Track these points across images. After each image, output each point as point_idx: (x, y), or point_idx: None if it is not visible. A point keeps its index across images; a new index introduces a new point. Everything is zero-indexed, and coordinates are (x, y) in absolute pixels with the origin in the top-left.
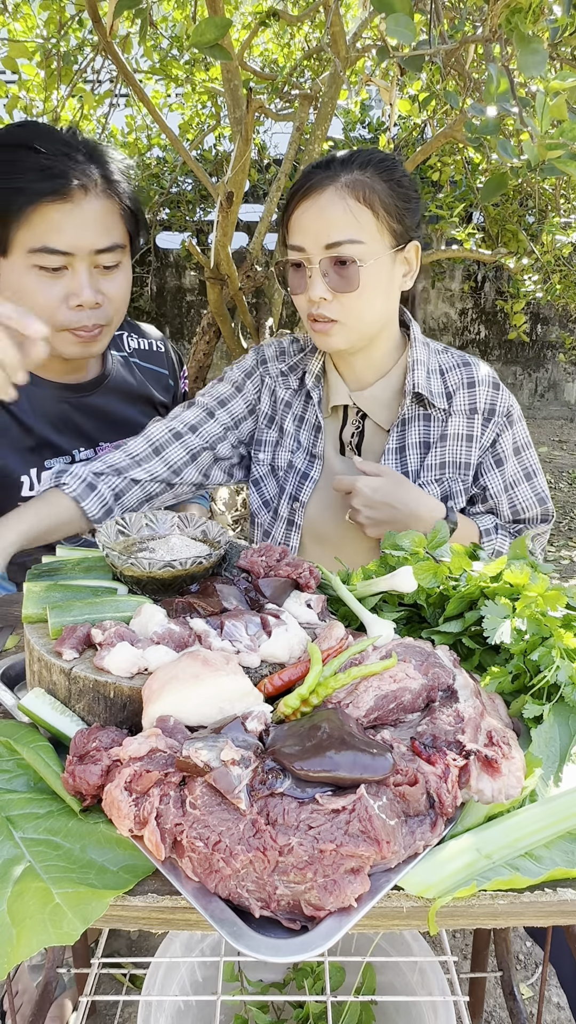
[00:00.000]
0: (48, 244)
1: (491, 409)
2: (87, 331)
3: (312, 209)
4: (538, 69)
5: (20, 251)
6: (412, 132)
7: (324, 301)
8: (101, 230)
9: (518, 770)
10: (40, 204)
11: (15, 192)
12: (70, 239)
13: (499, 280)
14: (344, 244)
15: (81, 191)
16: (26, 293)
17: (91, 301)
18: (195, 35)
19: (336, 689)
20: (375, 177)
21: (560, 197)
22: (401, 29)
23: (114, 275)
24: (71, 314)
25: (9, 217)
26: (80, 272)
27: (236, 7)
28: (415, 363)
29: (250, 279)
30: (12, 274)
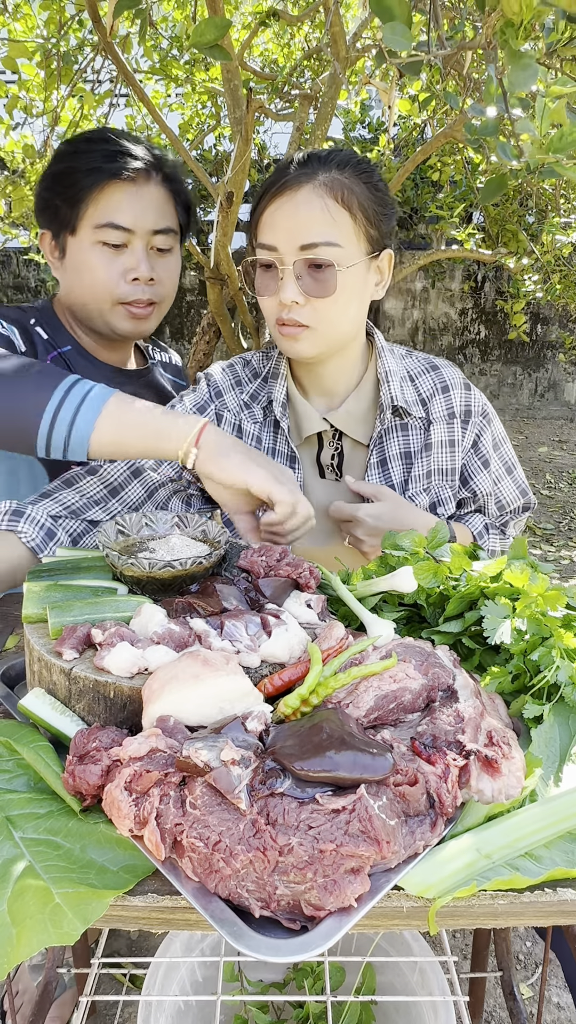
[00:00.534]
0: (113, 220)
1: (467, 411)
2: (140, 306)
3: (287, 206)
4: (527, 84)
5: (87, 227)
6: (412, 132)
7: (296, 305)
8: (159, 213)
9: (518, 770)
10: (108, 184)
11: (89, 172)
12: (132, 217)
13: (499, 280)
14: (321, 246)
15: (144, 176)
16: (89, 267)
17: (146, 276)
18: (195, 35)
19: (336, 689)
20: (354, 179)
21: (560, 197)
22: (398, 38)
23: (167, 259)
24: (128, 287)
25: (81, 196)
26: (138, 250)
27: (236, 7)
28: (387, 374)
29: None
30: (78, 251)
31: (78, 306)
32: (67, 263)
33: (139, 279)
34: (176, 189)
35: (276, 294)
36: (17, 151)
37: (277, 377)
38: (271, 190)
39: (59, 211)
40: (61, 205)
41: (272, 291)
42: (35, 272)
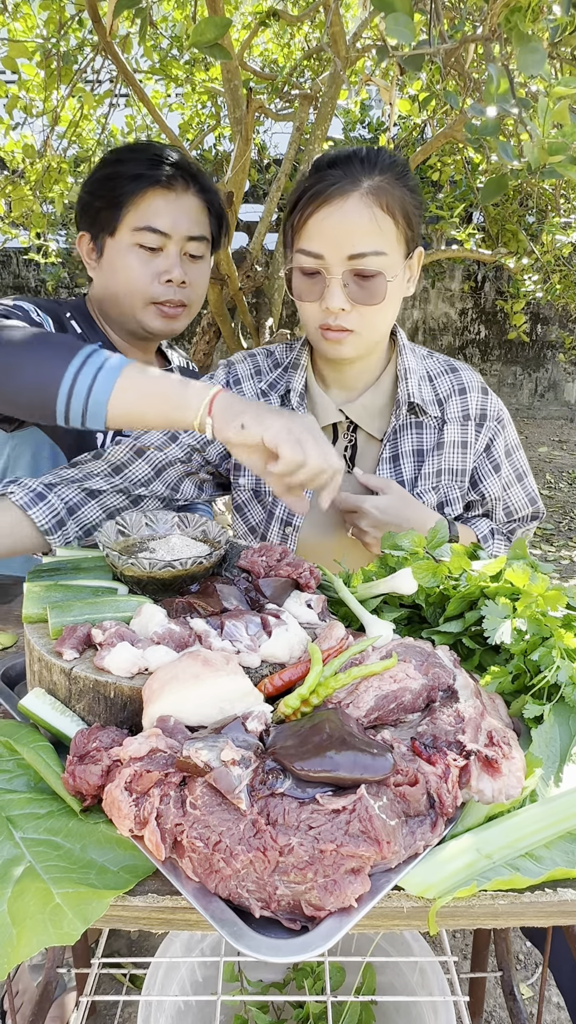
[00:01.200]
0: (152, 224)
1: (483, 414)
2: (171, 306)
3: (335, 215)
4: (537, 67)
5: (126, 230)
6: (412, 132)
7: (343, 312)
8: (194, 221)
9: (518, 770)
10: (149, 190)
11: (132, 178)
12: (169, 222)
13: (499, 280)
14: (369, 256)
15: (183, 185)
16: (126, 267)
17: (179, 278)
18: (195, 35)
19: (336, 689)
20: (395, 183)
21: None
22: (400, 28)
23: (198, 264)
24: (161, 288)
25: (123, 200)
26: (172, 254)
27: (236, 7)
28: (407, 372)
29: (250, 279)
30: (116, 252)
31: (111, 304)
32: (104, 263)
33: (172, 281)
34: (211, 200)
35: (318, 300)
36: (17, 151)
37: (297, 368)
38: (317, 197)
39: (100, 213)
40: (103, 208)
41: (315, 297)
42: (35, 272)
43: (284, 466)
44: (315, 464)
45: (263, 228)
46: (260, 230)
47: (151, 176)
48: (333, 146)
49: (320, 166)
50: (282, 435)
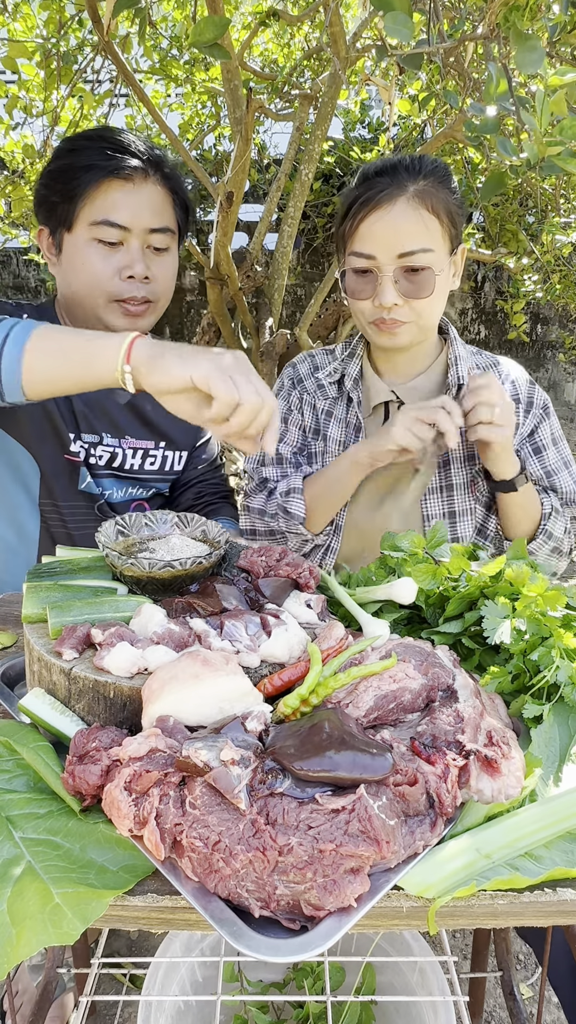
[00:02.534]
0: (108, 217)
1: (530, 401)
2: (135, 303)
3: (385, 219)
4: (535, 66)
5: (83, 224)
6: (412, 132)
7: (396, 307)
8: (156, 212)
9: (518, 770)
10: (104, 181)
11: (86, 169)
12: (128, 215)
13: (499, 280)
14: (417, 253)
15: (141, 175)
16: (84, 264)
17: (141, 274)
18: (194, 34)
19: (336, 689)
20: (438, 185)
21: (560, 197)
22: (399, 27)
23: (163, 258)
24: (123, 285)
25: (77, 192)
26: (133, 248)
27: (236, 7)
28: (457, 359)
29: (250, 279)
30: (74, 248)
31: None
32: (63, 260)
33: (134, 276)
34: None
35: (371, 297)
36: (17, 151)
37: (353, 356)
38: (367, 203)
39: (56, 207)
40: (58, 201)
41: (368, 295)
42: (35, 272)
43: (219, 407)
44: (251, 401)
45: (263, 228)
46: (260, 230)
47: (106, 166)
48: (333, 146)
49: (368, 175)
50: (213, 373)
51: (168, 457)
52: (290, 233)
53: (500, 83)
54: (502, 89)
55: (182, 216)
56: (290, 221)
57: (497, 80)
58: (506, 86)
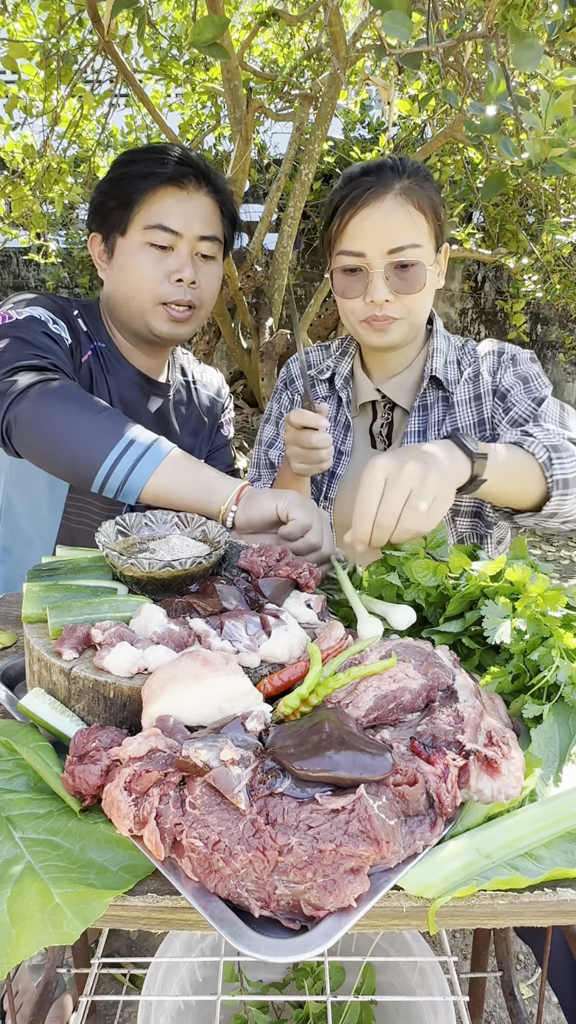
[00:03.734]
0: (162, 222)
1: (496, 366)
2: (180, 309)
3: (373, 216)
4: (532, 64)
5: (137, 229)
6: (412, 132)
7: (387, 303)
8: (206, 221)
9: (518, 770)
10: (160, 187)
11: (144, 176)
12: (180, 221)
13: (499, 280)
14: (407, 248)
15: (195, 184)
16: (136, 266)
17: (190, 278)
18: (194, 34)
19: (336, 689)
20: (423, 183)
21: (560, 197)
22: (398, 26)
23: (209, 266)
24: (171, 288)
25: (134, 198)
26: (183, 253)
27: (236, 7)
28: (434, 352)
29: (250, 279)
30: (127, 251)
31: (121, 305)
32: (114, 263)
33: (182, 280)
34: (223, 201)
35: (362, 295)
36: (17, 151)
37: (345, 355)
38: (355, 202)
39: (112, 213)
40: (115, 207)
41: (358, 293)
42: (35, 272)
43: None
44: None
45: (263, 228)
46: (260, 230)
47: (162, 173)
48: (333, 146)
49: (352, 176)
50: (295, 504)
51: None
52: (290, 233)
53: (500, 83)
54: (502, 89)
55: (228, 228)
56: (290, 221)
57: (497, 80)
58: (505, 86)
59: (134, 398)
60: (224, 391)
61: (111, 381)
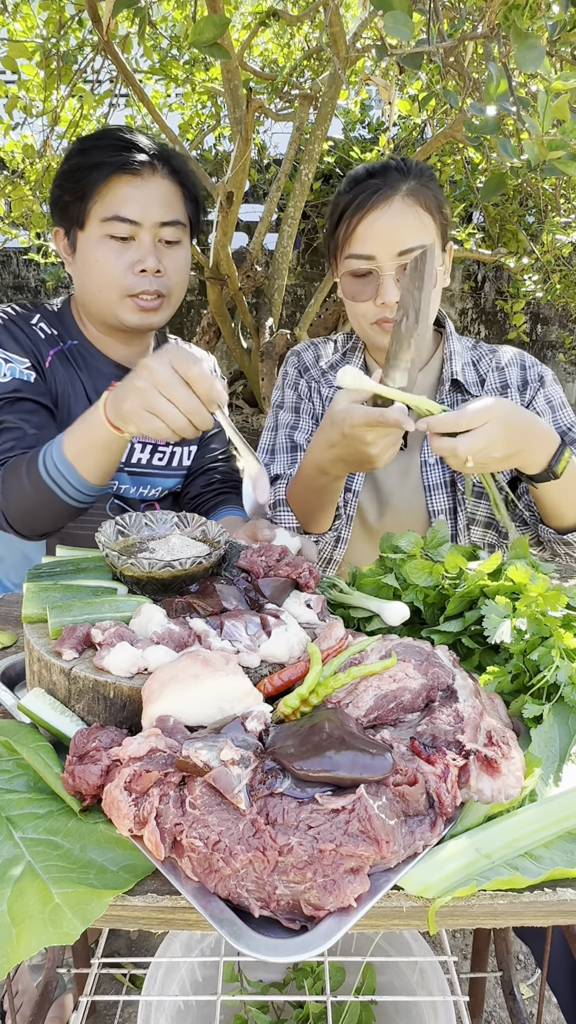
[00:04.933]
0: (119, 213)
1: (524, 381)
2: (148, 297)
3: (383, 218)
4: (535, 64)
5: (95, 221)
6: (412, 132)
7: (397, 304)
8: (165, 206)
9: (518, 770)
10: (113, 177)
11: (95, 167)
12: (138, 210)
13: (499, 280)
14: (417, 249)
15: (149, 168)
16: (98, 260)
17: (153, 267)
18: (194, 33)
19: (336, 689)
20: (428, 183)
21: (560, 197)
22: (399, 26)
23: (175, 251)
24: (135, 279)
25: (88, 190)
26: (145, 242)
27: (236, 7)
28: (452, 354)
29: (250, 279)
30: (87, 245)
31: (89, 300)
32: (77, 258)
33: (146, 270)
34: (183, 182)
35: (372, 298)
36: (17, 151)
37: (355, 351)
38: (363, 206)
39: (69, 207)
40: (71, 201)
41: (368, 296)
42: (35, 272)
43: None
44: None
45: (263, 228)
46: (260, 230)
47: (113, 162)
48: (333, 146)
49: (358, 178)
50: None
51: (176, 453)
52: (290, 233)
53: (500, 83)
54: (502, 89)
55: (192, 209)
56: (290, 221)
57: (497, 80)
58: (506, 86)
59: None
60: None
61: (85, 378)
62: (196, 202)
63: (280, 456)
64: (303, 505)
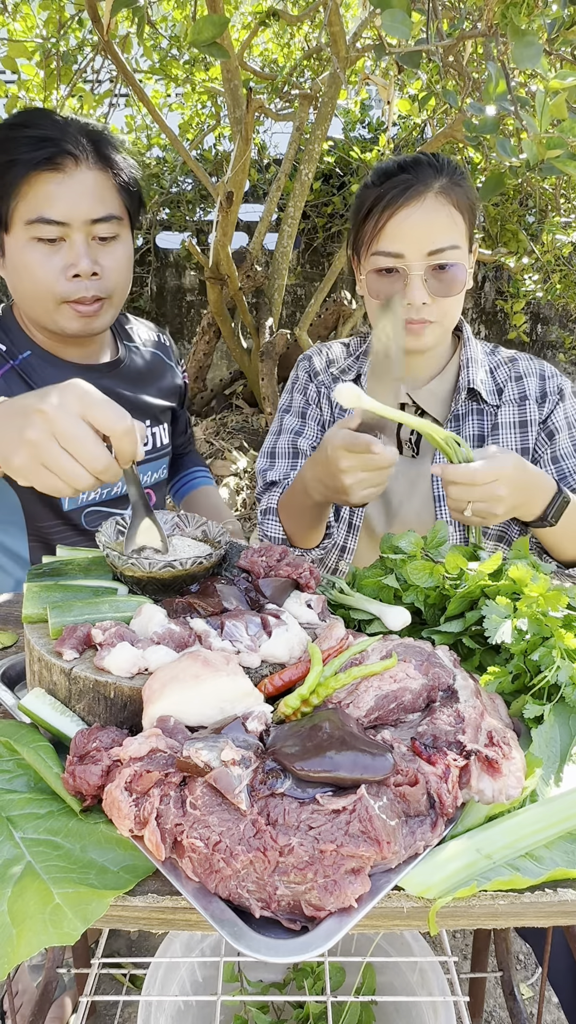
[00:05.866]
0: (43, 214)
1: (543, 393)
2: (86, 304)
3: (415, 216)
4: (532, 61)
5: (19, 224)
6: (412, 132)
7: (423, 306)
8: (95, 200)
9: (518, 770)
10: (32, 175)
11: (10, 164)
12: (64, 208)
13: (499, 280)
14: (447, 250)
15: (72, 161)
16: (26, 266)
17: (88, 271)
18: (193, 33)
19: (336, 689)
20: (459, 181)
21: (560, 197)
22: (397, 24)
23: (112, 247)
24: (69, 285)
25: (7, 191)
26: (76, 242)
27: (236, 7)
28: (469, 360)
29: (250, 279)
30: (15, 250)
31: (27, 308)
32: (7, 263)
33: (80, 275)
34: (117, 171)
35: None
36: None
37: (368, 354)
38: (395, 201)
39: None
40: None
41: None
42: None
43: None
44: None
45: (263, 228)
46: (260, 230)
47: (30, 159)
48: (333, 146)
49: (389, 172)
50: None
51: (156, 433)
52: (290, 233)
53: (499, 83)
54: (501, 89)
55: (129, 198)
56: (290, 221)
57: (496, 80)
58: (505, 86)
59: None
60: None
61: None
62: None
63: (280, 462)
64: (291, 518)
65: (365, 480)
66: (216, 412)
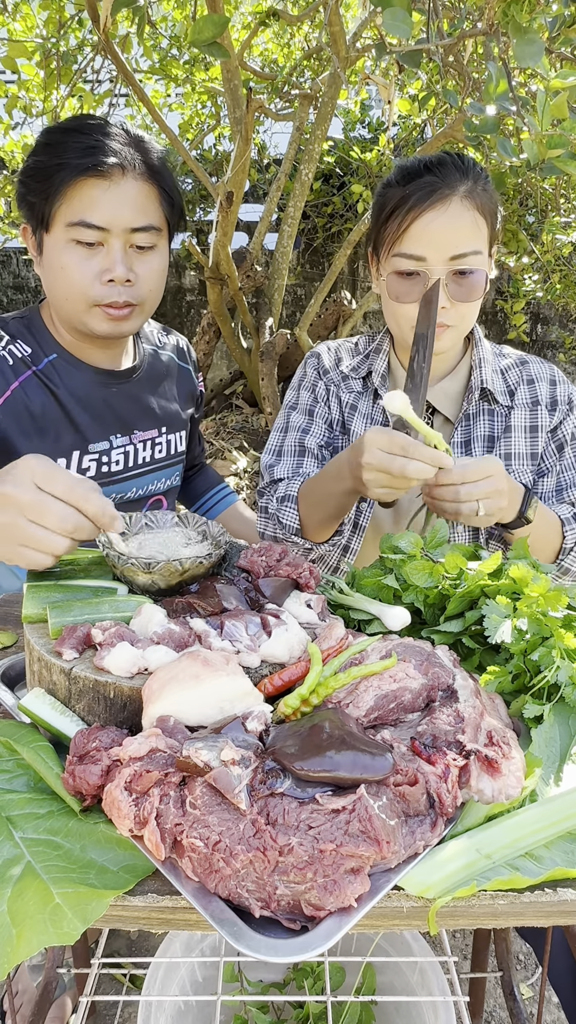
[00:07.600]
0: (85, 218)
1: (553, 400)
2: (117, 308)
3: (439, 220)
4: (534, 59)
5: (60, 225)
6: (412, 132)
7: (443, 310)
8: (137, 210)
9: (518, 770)
10: (79, 180)
11: (58, 168)
12: (106, 215)
13: (499, 280)
14: (469, 255)
15: (119, 170)
16: (63, 267)
17: (122, 277)
18: (193, 32)
19: (336, 689)
20: (484, 184)
21: (560, 197)
22: (398, 23)
23: (148, 257)
24: (103, 289)
25: (52, 192)
26: (114, 248)
27: (236, 7)
28: (481, 361)
29: (250, 279)
30: (54, 249)
31: (58, 306)
32: (44, 261)
33: (115, 280)
34: (160, 183)
35: (418, 301)
36: (17, 151)
37: (380, 352)
38: (420, 202)
39: (34, 207)
40: (35, 201)
41: (414, 298)
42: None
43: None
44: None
45: (263, 228)
46: (260, 230)
47: (79, 164)
48: (333, 146)
49: (414, 172)
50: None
51: (171, 441)
52: (290, 233)
53: (500, 83)
54: (502, 89)
55: (170, 210)
56: (290, 221)
57: (497, 79)
58: (505, 85)
59: (99, 396)
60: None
61: (62, 394)
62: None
63: (286, 459)
64: (312, 507)
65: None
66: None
